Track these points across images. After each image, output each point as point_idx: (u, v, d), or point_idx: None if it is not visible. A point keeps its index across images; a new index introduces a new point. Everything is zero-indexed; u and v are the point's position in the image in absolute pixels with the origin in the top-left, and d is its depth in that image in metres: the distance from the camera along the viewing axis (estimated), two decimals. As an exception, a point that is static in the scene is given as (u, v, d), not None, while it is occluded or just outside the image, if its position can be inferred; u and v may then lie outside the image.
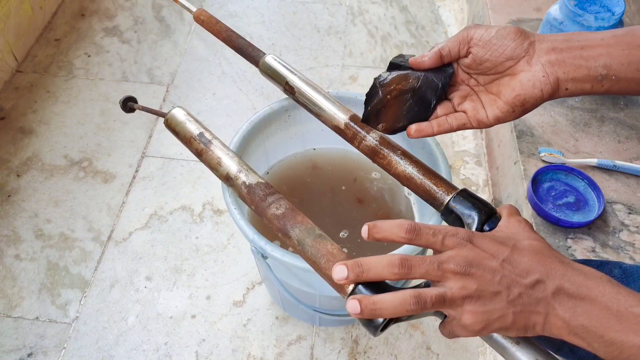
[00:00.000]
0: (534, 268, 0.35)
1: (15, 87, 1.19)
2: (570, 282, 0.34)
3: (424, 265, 0.35)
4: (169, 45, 1.30)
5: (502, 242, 0.36)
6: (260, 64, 0.62)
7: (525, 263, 0.35)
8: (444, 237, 0.36)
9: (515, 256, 0.35)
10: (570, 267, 0.35)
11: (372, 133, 0.54)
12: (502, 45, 0.43)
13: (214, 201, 1.00)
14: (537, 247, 0.36)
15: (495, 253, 0.35)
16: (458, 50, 0.46)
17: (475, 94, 0.47)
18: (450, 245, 0.36)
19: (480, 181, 1.04)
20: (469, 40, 0.45)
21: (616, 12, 0.84)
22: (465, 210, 0.45)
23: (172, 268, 0.92)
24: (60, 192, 1.01)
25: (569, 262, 0.36)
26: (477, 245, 0.36)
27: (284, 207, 0.47)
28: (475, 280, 0.34)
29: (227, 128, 1.12)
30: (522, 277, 0.34)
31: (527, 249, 0.36)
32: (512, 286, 0.34)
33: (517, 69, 0.44)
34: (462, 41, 0.45)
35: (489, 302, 0.34)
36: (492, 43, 0.44)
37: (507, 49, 0.43)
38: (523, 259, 0.35)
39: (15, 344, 0.83)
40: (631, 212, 0.77)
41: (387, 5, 1.41)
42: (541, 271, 0.35)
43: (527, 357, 0.37)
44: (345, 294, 0.41)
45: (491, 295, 0.34)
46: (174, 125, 0.56)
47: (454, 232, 0.36)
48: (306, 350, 0.83)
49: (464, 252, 0.35)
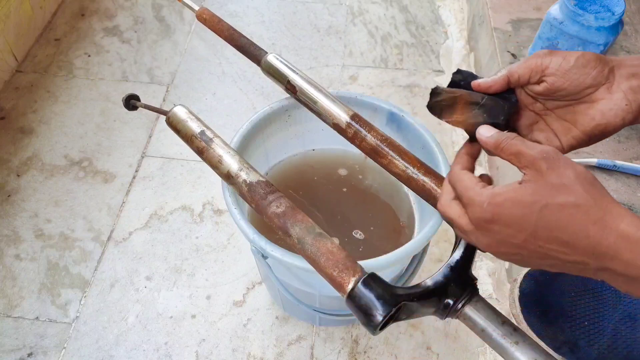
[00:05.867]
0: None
1: (15, 87, 1.19)
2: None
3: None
4: (169, 45, 1.30)
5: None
6: (262, 63, 0.62)
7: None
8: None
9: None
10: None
11: (373, 132, 0.54)
12: (582, 74, 0.41)
13: (214, 201, 1.00)
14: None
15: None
16: (529, 78, 0.44)
17: (544, 121, 0.45)
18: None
19: (480, 181, 1.04)
20: (543, 70, 0.42)
21: (616, 12, 0.84)
22: (465, 210, 0.45)
23: (172, 268, 0.92)
24: (60, 192, 1.01)
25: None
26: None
27: (284, 206, 0.47)
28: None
29: (227, 128, 1.12)
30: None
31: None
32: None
33: (596, 97, 0.41)
34: (535, 69, 0.43)
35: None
36: (572, 72, 0.41)
37: (587, 77, 0.41)
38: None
39: (15, 343, 0.83)
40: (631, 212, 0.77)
41: (387, 5, 1.41)
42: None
43: (526, 357, 0.37)
44: (345, 292, 0.41)
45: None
46: (175, 124, 0.56)
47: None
48: (306, 350, 0.83)
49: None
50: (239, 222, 0.57)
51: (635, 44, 1.02)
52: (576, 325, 0.57)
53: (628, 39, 1.03)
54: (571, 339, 0.57)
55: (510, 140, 0.38)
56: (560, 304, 0.59)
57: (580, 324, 0.57)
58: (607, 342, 0.54)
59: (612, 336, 0.54)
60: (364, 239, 0.73)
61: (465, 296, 0.41)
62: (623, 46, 1.01)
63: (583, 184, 0.34)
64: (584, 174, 0.34)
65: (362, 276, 0.41)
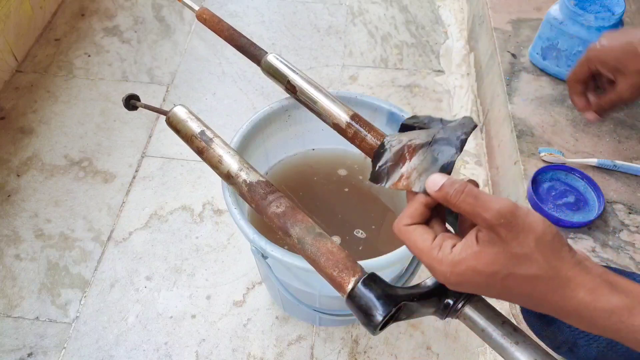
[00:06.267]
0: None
1: (15, 87, 1.19)
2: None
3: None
4: (169, 45, 1.30)
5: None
6: (262, 63, 0.62)
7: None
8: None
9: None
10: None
11: (373, 132, 0.54)
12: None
13: (214, 201, 1.01)
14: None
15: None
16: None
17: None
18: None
19: (480, 181, 1.04)
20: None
21: (616, 12, 0.84)
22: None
23: (172, 268, 0.92)
24: (60, 192, 1.01)
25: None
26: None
27: (284, 206, 0.47)
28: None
29: (227, 128, 1.12)
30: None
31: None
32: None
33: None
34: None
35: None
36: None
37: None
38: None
39: (15, 343, 0.83)
40: (631, 212, 0.77)
41: (387, 5, 1.41)
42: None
43: (526, 357, 0.37)
44: (345, 292, 0.41)
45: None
46: (175, 123, 0.56)
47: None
48: (306, 350, 0.83)
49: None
50: (239, 222, 0.57)
51: (635, 44, 1.01)
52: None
53: (628, 39, 1.03)
54: (570, 339, 0.57)
55: (460, 196, 0.35)
56: (560, 304, 0.59)
57: (580, 324, 0.57)
58: (606, 340, 0.54)
59: (612, 336, 0.54)
60: (366, 237, 0.73)
61: (465, 296, 0.41)
62: (623, 46, 1.01)
63: (544, 252, 0.34)
64: (543, 238, 0.34)
65: (362, 276, 0.41)
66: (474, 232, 0.36)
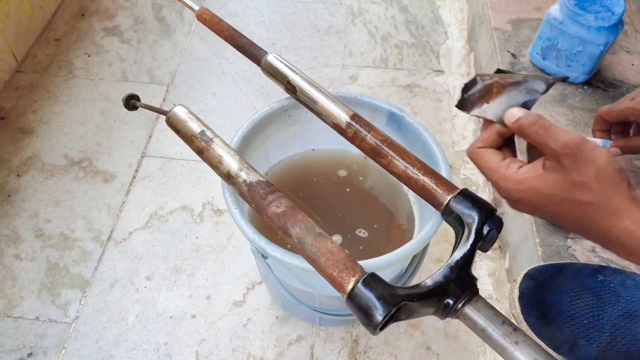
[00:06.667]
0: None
1: (15, 87, 1.19)
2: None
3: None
4: (169, 45, 1.30)
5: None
6: (262, 63, 0.62)
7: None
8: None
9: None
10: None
11: (373, 132, 0.54)
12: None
13: (214, 201, 1.01)
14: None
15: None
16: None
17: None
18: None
19: (480, 181, 1.04)
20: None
21: (616, 12, 0.84)
22: (465, 210, 0.45)
23: (172, 268, 0.92)
24: (60, 192, 1.01)
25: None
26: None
27: (284, 206, 0.47)
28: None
29: (227, 128, 1.12)
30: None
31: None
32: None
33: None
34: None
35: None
36: None
37: None
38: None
39: (15, 343, 0.83)
40: (631, 211, 0.77)
41: (387, 5, 1.41)
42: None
43: (526, 357, 0.37)
44: (345, 292, 0.41)
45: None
46: (175, 123, 0.56)
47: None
48: (306, 350, 0.83)
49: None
50: (239, 222, 0.57)
51: (635, 44, 1.02)
52: (575, 324, 0.57)
53: (628, 39, 1.03)
54: (571, 338, 0.57)
55: (533, 127, 0.40)
56: (559, 303, 0.59)
57: (580, 323, 0.57)
58: (606, 340, 0.55)
59: (612, 334, 0.54)
60: (368, 236, 0.73)
61: (465, 296, 0.41)
62: (623, 46, 1.01)
63: (601, 183, 0.37)
64: (604, 170, 0.37)
65: (362, 276, 0.41)
66: (542, 160, 0.40)
